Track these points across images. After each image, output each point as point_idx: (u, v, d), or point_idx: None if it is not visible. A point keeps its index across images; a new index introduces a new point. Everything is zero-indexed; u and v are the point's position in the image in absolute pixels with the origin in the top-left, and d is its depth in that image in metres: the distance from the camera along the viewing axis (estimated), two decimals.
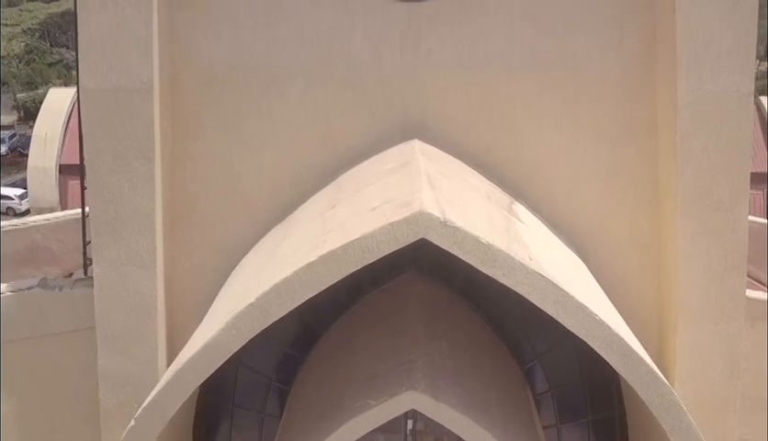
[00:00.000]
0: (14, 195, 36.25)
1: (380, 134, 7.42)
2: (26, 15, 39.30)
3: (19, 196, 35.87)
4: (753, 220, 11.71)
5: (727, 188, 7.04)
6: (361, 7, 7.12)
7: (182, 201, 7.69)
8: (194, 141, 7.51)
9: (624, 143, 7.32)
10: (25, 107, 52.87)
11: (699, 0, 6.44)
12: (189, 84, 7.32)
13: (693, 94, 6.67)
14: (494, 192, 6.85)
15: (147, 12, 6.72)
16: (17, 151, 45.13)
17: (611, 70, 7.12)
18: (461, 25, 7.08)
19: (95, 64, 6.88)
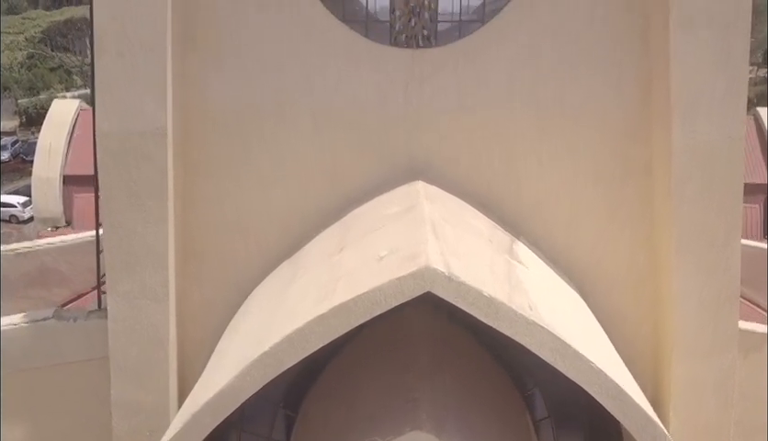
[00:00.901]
0: (17, 202, 36.33)
1: (385, 174, 7.69)
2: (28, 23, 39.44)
3: (22, 203, 36.01)
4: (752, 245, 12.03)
5: (720, 227, 7.30)
6: (367, 53, 7.37)
7: (193, 237, 7.95)
8: (205, 180, 7.77)
9: (621, 183, 7.57)
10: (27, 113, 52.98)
11: (692, 50, 6.67)
12: (201, 125, 7.58)
13: (687, 138, 6.93)
14: (496, 233, 7.10)
15: (161, 59, 6.96)
16: (20, 157, 45.25)
17: (609, 113, 7.37)
18: (463, 70, 7.34)
19: (110, 108, 7.14)
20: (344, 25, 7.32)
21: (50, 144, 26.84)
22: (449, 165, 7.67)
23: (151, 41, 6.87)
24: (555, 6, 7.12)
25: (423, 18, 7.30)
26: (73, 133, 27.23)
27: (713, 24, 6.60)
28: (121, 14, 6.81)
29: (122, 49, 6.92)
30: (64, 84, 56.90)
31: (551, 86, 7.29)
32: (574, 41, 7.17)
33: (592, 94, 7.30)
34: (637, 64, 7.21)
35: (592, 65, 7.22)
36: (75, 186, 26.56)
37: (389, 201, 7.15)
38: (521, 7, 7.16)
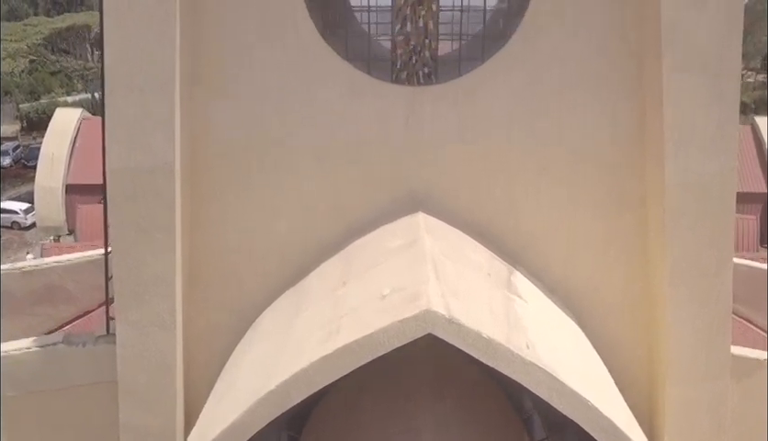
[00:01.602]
0: (19, 209, 36.51)
1: (387, 205, 7.91)
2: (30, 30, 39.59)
3: (24, 210, 36.18)
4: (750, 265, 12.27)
5: (712, 259, 7.52)
6: (369, 89, 7.59)
7: (200, 266, 8.18)
8: (211, 211, 7.99)
9: (616, 215, 7.80)
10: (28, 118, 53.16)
11: (684, 91, 6.89)
12: (207, 159, 7.80)
13: (679, 174, 7.15)
14: (494, 265, 7.32)
15: (170, 97, 7.17)
16: (21, 162, 45.42)
17: (605, 148, 7.59)
18: (463, 107, 7.56)
19: (121, 145, 7.34)
20: (347, 62, 7.53)
21: (52, 154, 27.10)
22: (449, 197, 7.89)
23: (159, 80, 7.08)
24: (552, 47, 7.34)
25: (424, 57, 7.51)
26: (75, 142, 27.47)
27: (705, 67, 6.81)
28: (131, 54, 7.02)
29: (132, 88, 7.12)
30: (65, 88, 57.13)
31: (549, 123, 7.51)
32: (571, 80, 7.39)
33: (589, 130, 7.52)
34: (631, 102, 7.43)
35: (588, 103, 7.44)
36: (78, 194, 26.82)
37: (391, 234, 7.36)
38: (519, 47, 7.38)
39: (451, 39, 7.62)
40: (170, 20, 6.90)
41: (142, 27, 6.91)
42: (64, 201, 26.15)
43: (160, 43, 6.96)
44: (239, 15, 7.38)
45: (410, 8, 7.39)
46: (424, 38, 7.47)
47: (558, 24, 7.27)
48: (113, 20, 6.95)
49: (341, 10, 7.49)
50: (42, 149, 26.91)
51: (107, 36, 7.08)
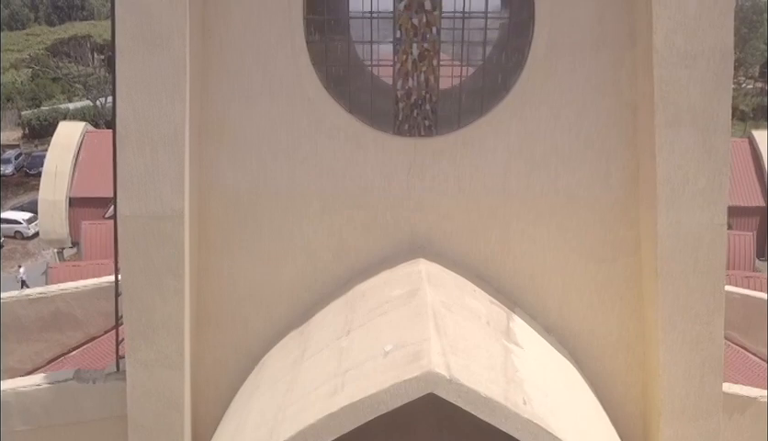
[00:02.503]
0: (22, 219, 36.72)
1: (389, 249, 8.20)
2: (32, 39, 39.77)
3: (27, 220, 36.40)
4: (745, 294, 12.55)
5: (703, 305, 7.77)
6: (372, 142, 7.85)
7: (208, 307, 8.45)
8: (219, 256, 8.26)
9: (610, 261, 8.06)
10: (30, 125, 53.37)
11: (677, 146, 7.14)
12: (216, 208, 8.06)
13: (671, 225, 7.40)
14: (493, 311, 7.58)
15: (180, 150, 7.43)
16: (23, 171, 45.64)
17: (599, 198, 7.85)
18: (462, 158, 7.82)
19: (131, 195, 7.59)
20: (350, 115, 7.79)
21: (56, 167, 27.36)
22: (449, 242, 8.16)
23: (170, 135, 7.33)
24: (549, 101, 7.60)
25: (425, 110, 7.77)
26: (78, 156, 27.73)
27: (696, 122, 7.06)
28: (143, 110, 7.27)
29: (143, 142, 7.38)
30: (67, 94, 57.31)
31: (545, 174, 7.77)
32: (567, 133, 7.64)
33: (584, 181, 7.77)
34: (625, 153, 7.68)
35: (583, 155, 7.70)
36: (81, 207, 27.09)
37: (393, 281, 7.62)
38: (517, 101, 7.63)
39: (451, 80, 7.87)
40: (181, 79, 7.16)
41: (155, 85, 7.16)
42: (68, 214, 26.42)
43: (171, 101, 7.22)
44: (246, 71, 7.64)
45: (411, 64, 7.65)
46: (425, 92, 7.73)
47: (554, 79, 7.53)
48: (126, 78, 7.21)
49: (345, 65, 7.73)
50: (46, 162, 27.18)
51: (119, 91, 7.33)
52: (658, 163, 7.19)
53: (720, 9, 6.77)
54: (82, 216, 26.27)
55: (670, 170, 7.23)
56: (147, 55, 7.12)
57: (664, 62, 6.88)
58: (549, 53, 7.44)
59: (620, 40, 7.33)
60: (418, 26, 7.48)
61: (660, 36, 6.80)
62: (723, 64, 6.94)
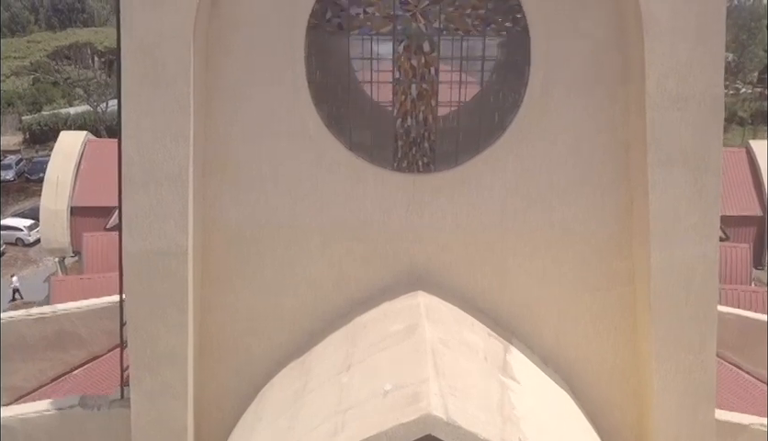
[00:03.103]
0: (23, 226, 36.79)
1: (389, 281, 8.38)
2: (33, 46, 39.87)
3: (28, 227, 36.48)
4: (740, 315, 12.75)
5: (696, 335, 7.96)
6: (372, 177, 8.03)
7: (211, 338, 8.63)
8: (222, 289, 8.44)
9: (605, 292, 8.24)
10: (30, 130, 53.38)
11: (668, 184, 7.33)
12: (219, 242, 8.24)
13: (664, 259, 7.59)
14: (490, 345, 7.76)
15: (183, 189, 7.61)
16: (24, 176, 45.68)
17: (593, 232, 8.04)
18: (460, 194, 8.01)
19: (136, 231, 7.78)
20: (351, 152, 7.97)
21: (57, 177, 27.46)
22: (447, 274, 8.34)
23: (174, 174, 7.52)
24: (544, 139, 7.78)
25: (424, 148, 7.95)
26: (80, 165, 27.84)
27: (687, 162, 7.25)
28: (147, 150, 7.45)
29: (148, 181, 7.56)
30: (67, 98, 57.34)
31: (540, 210, 7.95)
32: (562, 170, 7.82)
33: (579, 215, 7.96)
34: (619, 190, 7.87)
35: (578, 191, 7.88)
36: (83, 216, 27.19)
37: (393, 315, 7.80)
38: (513, 139, 7.81)
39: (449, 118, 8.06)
40: (185, 121, 7.34)
41: (159, 126, 7.35)
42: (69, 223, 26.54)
43: (175, 141, 7.40)
44: (249, 110, 7.81)
45: (410, 104, 7.82)
46: (424, 131, 7.90)
47: (550, 118, 7.71)
48: (131, 119, 7.39)
49: (345, 104, 7.90)
50: (47, 171, 27.28)
51: (124, 131, 7.52)
52: (650, 200, 7.37)
53: (711, 56, 6.95)
54: (83, 225, 26.38)
55: (662, 207, 7.42)
56: (152, 97, 7.30)
57: (656, 104, 7.06)
58: (545, 93, 7.62)
59: (613, 81, 7.51)
60: (417, 67, 7.66)
61: (653, 80, 6.98)
62: (713, 107, 7.13)
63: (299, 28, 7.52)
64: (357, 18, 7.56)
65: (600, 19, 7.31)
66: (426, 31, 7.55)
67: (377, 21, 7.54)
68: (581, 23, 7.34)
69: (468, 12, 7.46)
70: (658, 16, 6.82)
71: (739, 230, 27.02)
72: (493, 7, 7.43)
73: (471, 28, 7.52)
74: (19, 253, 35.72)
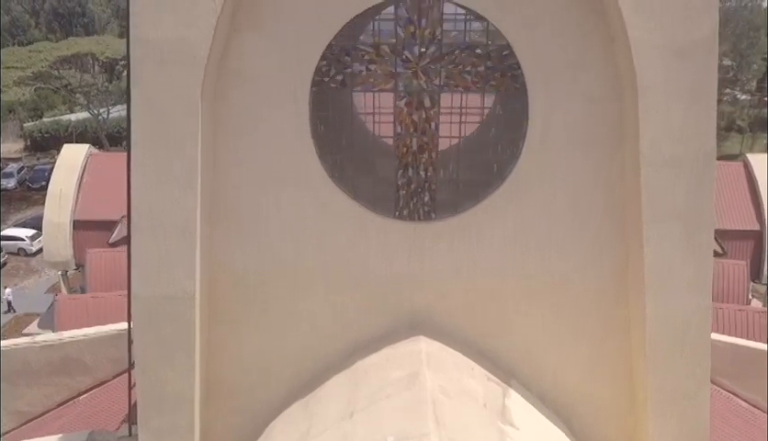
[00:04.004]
0: (25, 236, 37.00)
1: (390, 325, 8.59)
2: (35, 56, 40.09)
3: (30, 236, 36.70)
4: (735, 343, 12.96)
5: (691, 382, 8.15)
6: (374, 225, 8.24)
7: (217, 378, 8.83)
8: (228, 331, 8.65)
9: (601, 339, 8.44)
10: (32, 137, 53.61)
11: (663, 240, 7.52)
12: (225, 286, 8.45)
13: (659, 311, 7.78)
14: (490, 390, 7.97)
15: (191, 236, 7.80)
16: (26, 184, 45.92)
17: (590, 281, 8.24)
18: (460, 242, 8.21)
19: (144, 277, 7.98)
20: (354, 201, 8.18)
21: (60, 190, 27.66)
22: (448, 319, 8.54)
23: (182, 223, 7.72)
24: (542, 191, 7.98)
25: (424, 198, 8.16)
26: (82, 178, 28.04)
27: (681, 218, 7.44)
28: (156, 200, 7.66)
29: (156, 229, 7.76)
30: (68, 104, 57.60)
31: (539, 259, 8.16)
32: (560, 223, 8.03)
33: (576, 267, 8.16)
34: (615, 243, 8.07)
35: (576, 244, 8.08)
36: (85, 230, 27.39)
37: (395, 361, 8.00)
38: (512, 190, 8.02)
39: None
40: (193, 173, 7.55)
41: (168, 179, 7.55)
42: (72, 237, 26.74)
43: (183, 192, 7.60)
44: (255, 161, 8.02)
45: (411, 156, 8.03)
46: (425, 181, 8.11)
47: (548, 171, 7.91)
48: (140, 172, 7.59)
49: (348, 155, 8.11)
50: (50, 185, 27.48)
51: (134, 182, 7.72)
52: (645, 254, 7.58)
53: (704, 116, 7.15)
54: (86, 239, 26.60)
55: (657, 262, 7.62)
56: (161, 152, 7.51)
57: (650, 163, 7.27)
58: (543, 147, 7.83)
59: (610, 139, 7.71)
60: (418, 121, 7.87)
61: (647, 140, 7.19)
62: (706, 166, 7.34)
63: (303, 83, 7.72)
64: (360, 75, 7.77)
65: (596, 79, 7.51)
66: (427, 88, 7.75)
67: (379, 78, 7.75)
68: (577, 82, 7.55)
69: (467, 69, 7.67)
70: (652, 78, 7.03)
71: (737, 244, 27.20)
72: (492, 65, 7.63)
73: (471, 84, 7.73)
74: (21, 263, 35.95)
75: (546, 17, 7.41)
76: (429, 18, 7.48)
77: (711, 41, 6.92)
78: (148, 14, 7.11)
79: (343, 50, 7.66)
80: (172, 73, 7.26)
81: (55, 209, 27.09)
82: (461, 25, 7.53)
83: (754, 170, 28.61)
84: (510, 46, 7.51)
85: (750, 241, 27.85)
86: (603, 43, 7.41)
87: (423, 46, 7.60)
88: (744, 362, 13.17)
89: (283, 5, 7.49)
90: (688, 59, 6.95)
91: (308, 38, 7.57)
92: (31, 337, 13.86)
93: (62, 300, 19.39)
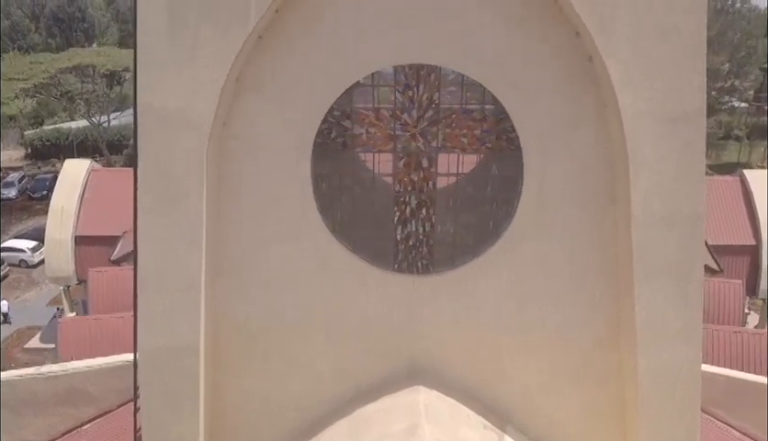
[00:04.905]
0: (26, 247, 37.12)
1: (390, 374, 8.82)
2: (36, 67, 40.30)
3: (32, 248, 36.83)
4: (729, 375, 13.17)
5: (681, 429, 8.38)
6: (374, 278, 8.48)
7: (220, 421, 9.06)
8: (231, 378, 8.88)
9: (595, 388, 8.68)
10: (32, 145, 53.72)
11: (654, 295, 7.75)
12: (228, 336, 8.69)
13: (651, 363, 8.01)
14: (486, 438, 8.20)
15: (196, 293, 8.04)
16: (27, 194, 46.01)
17: (584, 332, 8.47)
18: (457, 295, 8.45)
19: (150, 330, 8.21)
20: (354, 254, 8.41)
21: (62, 207, 27.87)
22: (446, 367, 8.77)
23: (186, 279, 7.95)
24: (537, 247, 8.21)
25: (423, 252, 8.39)
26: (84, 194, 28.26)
27: (672, 275, 7.68)
28: (162, 258, 7.89)
29: (161, 286, 8.00)
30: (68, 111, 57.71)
31: (534, 312, 8.39)
32: (554, 277, 8.26)
33: (570, 320, 8.39)
34: (608, 298, 8.29)
35: (569, 297, 8.31)
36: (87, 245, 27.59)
37: (394, 411, 8.24)
38: (507, 246, 8.25)
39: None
40: (197, 231, 7.78)
41: (173, 237, 7.79)
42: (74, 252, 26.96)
43: (188, 250, 7.84)
44: (258, 218, 8.25)
45: (410, 212, 8.27)
46: (423, 236, 8.34)
47: (542, 228, 8.14)
48: (146, 231, 7.82)
49: (349, 211, 8.34)
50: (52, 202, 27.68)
51: (140, 240, 7.95)
52: (637, 311, 7.81)
53: (694, 179, 7.39)
54: (88, 254, 26.83)
55: (648, 316, 7.85)
56: (167, 211, 7.74)
57: (641, 224, 7.50)
58: (537, 206, 8.05)
59: (603, 199, 7.93)
60: (416, 181, 8.10)
61: (638, 202, 7.42)
62: (696, 225, 7.57)
63: (305, 144, 7.95)
64: (360, 138, 8.00)
65: (589, 142, 7.74)
66: (425, 149, 7.98)
67: (378, 141, 7.98)
68: (571, 144, 7.77)
69: (464, 132, 7.90)
70: (642, 144, 7.26)
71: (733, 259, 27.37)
72: (488, 128, 7.87)
73: (467, 146, 7.96)
74: (23, 275, 36.09)
75: (540, 83, 7.64)
76: (427, 84, 7.71)
77: (700, 112, 7.15)
78: (155, 82, 7.34)
79: (343, 114, 7.89)
80: (178, 138, 7.49)
81: (57, 225, 27.31)
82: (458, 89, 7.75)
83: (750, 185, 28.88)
84: (505, 110, 7.74)
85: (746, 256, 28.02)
86: (596, 107, 7.64)
87: (421, 110, 7.83)
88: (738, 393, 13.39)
89: (285, 71, 7.71)
90: (677, 127, 7.18)
91: (309, 102, 7.81)
92: (37, 368, 14.04)
93: (65, 324, 19.61)
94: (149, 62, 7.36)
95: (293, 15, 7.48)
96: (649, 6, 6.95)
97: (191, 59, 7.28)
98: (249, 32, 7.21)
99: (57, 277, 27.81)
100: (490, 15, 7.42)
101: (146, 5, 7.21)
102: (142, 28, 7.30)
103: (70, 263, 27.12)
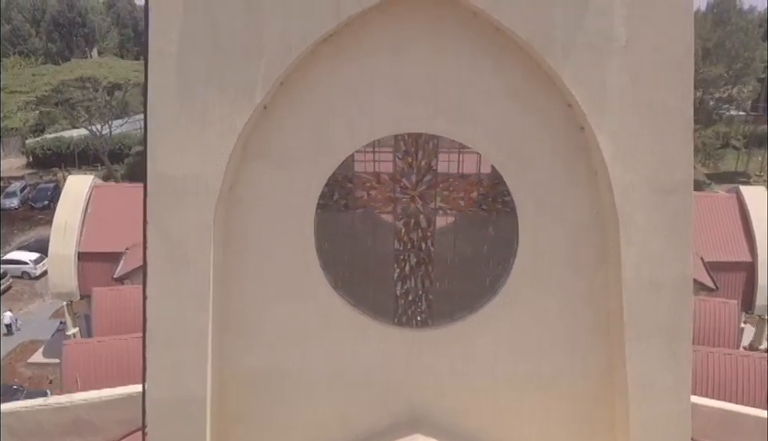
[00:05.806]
0: (28, 259, 37.30)
1: (390, 422, 9.13)
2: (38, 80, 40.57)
3: (34, 260, 37.03)
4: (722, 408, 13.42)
5: None
6: (374, 332, 8.78)
7: None
8: (236, 426, 9.18)
9: (588, 436, 8.99)
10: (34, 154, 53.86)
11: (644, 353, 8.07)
12: (233, 388, 8.98)
13: (641, 416, 8.33)
14: None
15: (203, 348, 8.33)
16: (28, 204, 46.15)
17: (577, 384, 8.78)
18: (455, 348, 8.75)
19: (158, 382, 8.50)
20: (356, 309, 8.71)
21: (65, 223, 28.11)
22: (444, 416, 9.08)
23: (194, 336, 8.25)
24: (532, 304, 8.52)
25: (421, 306, 8.68)
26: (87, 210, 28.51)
27: (661, 335, 7.99)
28: (170, 317, 8.18)
29: (170, 342, 8.29)
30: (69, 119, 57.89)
31: (529, 363, 8.70)
32: (549, 331, 8.56)
33: (564, 371, 8.70)
34: (601, 352, 8.60)
35: (563, 350, 8.62)
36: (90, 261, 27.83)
37: None
38: (503, 302, 8.55)
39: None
40: (205, 291, 8.08)
41: (181, 297, 8.07)
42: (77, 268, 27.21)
43: (196, 309, 8.13)
44: (263, 277, 8.55)
45: (409, 269, 8.56)
46: (422, 292, 8.64)
47: (537, 286, 8.44)
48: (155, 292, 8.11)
49: (350, 268, 8.63)
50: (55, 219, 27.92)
51: (149, 300, 8.23)
52: (628, 368, 8.12)
53: (682, 245, 7.69)
54: (90, 270, 27.07)
55: (638, 374, 8.17)
56: (175, 273, 8.03)
57: (632, 288, 7.81)
58: (532, 264, 8.36)
59: (594, 260, 8.24)
60: (415, 240, 8.39)
61: (629, 267, 7.73)
62: (684, 289, 7.87)
63: (309, 206, 8.24)
64: (362, 200, 8.29)
65: (581, 208, 8.03)
66: (423, 211, 8.28)
67: (379, 202, 8.27)
68: (564, 208, 8.07)
69: (461, 195, 8.19)
70: (632, 211, 7.56)
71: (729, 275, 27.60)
72: (484, 192, 8.16)
73: (464, 208, 8.25)
74: (26, 287, 36.31)
75: (534, 151, 7.93)
76: (425, 151, 8.00)
77: (687, 183, 7.44)
78: (166, 152, 7.63)
79: (345, 178, 8.18)
80: (187, 204, 7.78)
81: (60, 241, 27.55)
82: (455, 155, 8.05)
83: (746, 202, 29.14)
84: (500, 175, 8.04)
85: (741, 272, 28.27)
86: (588, 174, 7.94)
87: (420, 174, 8.13)
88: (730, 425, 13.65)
89: (289, 138, 8.00)
90: (666, 196, 7.48)
91: (313, 167, 8.09)
92: (44, 399, 14.33)
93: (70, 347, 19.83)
94: (159, 130, 7.64)
95: (297, 86, 7.77)
96: (637, 83, 7.24)
97: (201, 128, 7.57)
98: (257, 104, 7.50)
99: (60, 293, 28.03)
100: (485, 86, 7.71)
101: (157, 85, 7.49)
102: (153, 99, 7.57)
103: (73, 279, 27.33)
